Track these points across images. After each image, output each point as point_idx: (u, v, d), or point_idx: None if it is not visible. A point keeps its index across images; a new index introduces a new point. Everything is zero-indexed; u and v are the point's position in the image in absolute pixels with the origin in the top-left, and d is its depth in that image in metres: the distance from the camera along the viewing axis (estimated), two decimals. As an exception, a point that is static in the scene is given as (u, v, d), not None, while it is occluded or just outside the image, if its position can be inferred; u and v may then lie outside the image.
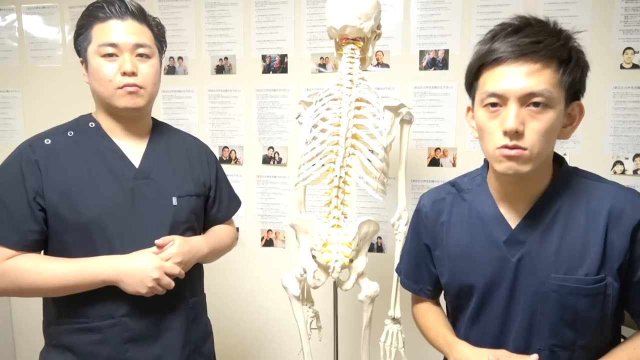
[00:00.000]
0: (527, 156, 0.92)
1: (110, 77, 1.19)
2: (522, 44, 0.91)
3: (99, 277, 1.15)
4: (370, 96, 1.37)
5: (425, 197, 1.22)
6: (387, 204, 2.07)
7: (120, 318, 1.21)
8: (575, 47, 0.96)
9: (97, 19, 1.20)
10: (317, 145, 1.35)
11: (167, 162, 1.33)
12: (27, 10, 2.33)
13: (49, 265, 1.16)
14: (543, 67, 0.91)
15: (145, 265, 1.16)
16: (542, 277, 0.99)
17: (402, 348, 1.51)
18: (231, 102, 2.22)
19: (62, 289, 1.16)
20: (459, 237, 1.11)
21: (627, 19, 1.86)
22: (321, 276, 1.33)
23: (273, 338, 2.30)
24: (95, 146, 1.24)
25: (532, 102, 0.90)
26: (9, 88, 2.39)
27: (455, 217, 1.13)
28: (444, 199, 1.16)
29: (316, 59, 2.12)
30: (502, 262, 1.03)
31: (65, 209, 1.17)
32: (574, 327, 0.99)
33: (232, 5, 2.17)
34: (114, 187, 1.22)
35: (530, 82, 0.90)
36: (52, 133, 1.24)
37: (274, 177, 2.22)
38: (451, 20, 1.99)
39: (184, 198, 1.32)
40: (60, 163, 1.19)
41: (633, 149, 1.90)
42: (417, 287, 1.26)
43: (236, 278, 2.31)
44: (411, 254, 1.26)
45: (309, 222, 1.34)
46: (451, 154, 2.04)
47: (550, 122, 0.91)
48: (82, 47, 1.23)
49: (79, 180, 1.19)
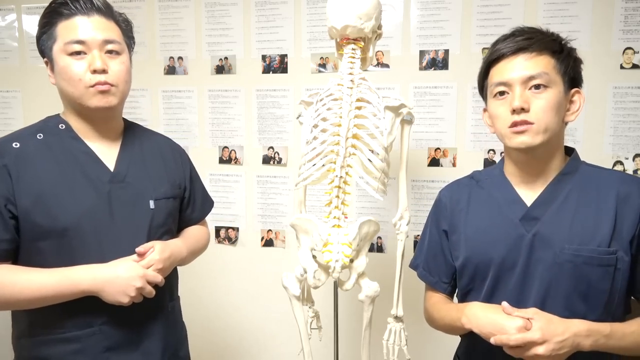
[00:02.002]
0: (535, 129, 1.06)
1: (80, 76, 1.14)
2: (519, 41, 1.10)
3: (79, 288, 1.11)
4: (371, 96, 1.37)
5: (444, 189, 1.32)
6: (387, 204, 2.07)
7: (100, 326, 1.18)
8: (566, 42, 1.12)
9: (61, 16, 1.15)
10: (318, 145, 1.35)
11: (142, 164, 1.29)
12: (27, 10, 2.33)
13: (25, 276, 1.10)
14: (537, 55, 1.08)
15: (128, 274, 1.12)
16: (556, 249, 1.07)
17: (405, 346, 1.51)
18: (231, 102, 2.22)
19: (40, 301, 1.11)
20: (476, 219, 1.20)
21: (627, 19, 1.86)
22: (321, 276, 1.32)
23: (273, 338, 2.30)
24: (67, 149, 1.19)
25: (533, 84, 1.07)
26: (9, 88, 2.38)
27: (473, 203, 1.23)
28: (462, 189, 1.27)
29: (316, 59, 2.12)
30: (518, 239, 1.12)
31: (40, 215, 1.12)
32: (586, 299, 1.06)
33: (232, 5, 2.17)
34: (89, 191, 1.17)
35: (528, 68, 1.07)
36: (19, 136, 1.18)
37: (274, 177, 2.22)
38: (451, 20, 1.99)
39: (161, 201, 1.28)
40: (32, 167, 1.13)
41: (633, 149, 1.90)
42: (433, 280, 1.32)
43: (236, 278, 2.31)
44: (429, 245, 1.33)
45: (309, 222, 1.34)
46: (451, 154, 2.04)
47: (551, 98, 1.06)
48: (46, 47, 1.18)
49: (53, 184, 1.14)
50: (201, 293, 2.32)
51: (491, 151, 2.00)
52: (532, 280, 1.10)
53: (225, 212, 2.27)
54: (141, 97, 2.28)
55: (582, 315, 1.05)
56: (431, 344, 2.11)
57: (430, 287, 1.35)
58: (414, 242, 2.10)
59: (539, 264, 1.09)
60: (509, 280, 1.12)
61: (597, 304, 1.06)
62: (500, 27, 1.94)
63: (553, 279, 1.08)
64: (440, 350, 2.11)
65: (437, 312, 1.28)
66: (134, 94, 2.27)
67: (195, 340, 2.18)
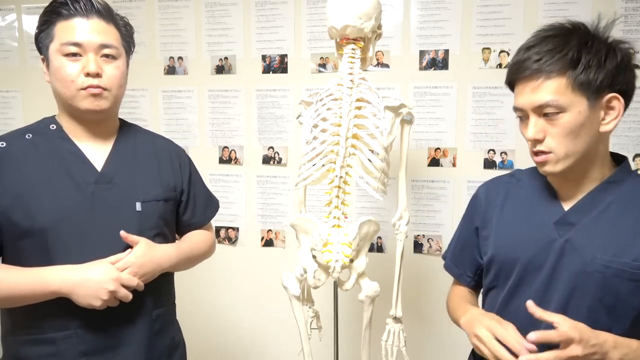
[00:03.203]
0: (554, 158, 1.02)
1: (73, 78, 1.13)
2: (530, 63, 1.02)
3: (49, 288, 1.09)
4: (371, 96, 1.37)
5: (482, 185, 1.29)
6: (387, 204, 2.07)
7: (75, 329, 1.15)
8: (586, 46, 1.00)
9: (60, 16, 1.14)
10: (318, 145, 1.35)
11: (132, 165, 1.27)
12: (27, 10, 2.33)
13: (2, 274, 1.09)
14: (545, 80, 0.99)
15: (100, 277, 1.09)
16: (587, 258, 1.02)
17: (403, 347, 1.51)
18: (231, 102, 2.22)
19: (13, 300, 1.10)
20: (510, 217, 1.17)
21: (627, 19, 1.86)
22: (321, 276, 1.32)
23: (273, 338, 2.30)
24: (55, 149, 1.18)
25: (545, 112, 1.00)
26: (9, 88, 2.38)
27: (509, 200, 1.20)
28: (500, 187, 1.24)
29: (316, 59, 2.12)
30: (549, 242, 1.08)
31: (18, 214, 1.11)
32: (612, 312, 1.02)
33: (232, 5, 2.17)
34: (71, 191, 1.16)
35: (536, 97, 1.00)
36: (8, 136, 1.20)
37: (274, 177, 2.22)
38: (451, 20, 1.99)
39: (149, 203, 1.26)
40: (15, 166, 1.14)
41: (633, 149, 1.90)
42: (458, 272, 1.33)
43: (236, 278, 2.31)
44: (459, 238, 1.33)
45: (309, 222, 1.34)
46: (451, 154, 2.04)
47: (567, 124, 0.99)
48: (43, 45, 1.17)
49: (34, 184, 1.13)
50: (201, 293, 2.32)
51: (491, 151, 2.00)
52: (556, 285, 1.06)
53: (225, 212, 2.27)
54: (141, 97, 2.29)
55: (606, 328, 1.00)
56: (431, 344, 2.11)
57: (455, 279, 1.36)
58: (414, 242, 2.10)
59: (565, 269, 1.05)
60: (532, 282, 1.10)
61: (624, 318, 1.01)
62: (500, 27, 1.95)
63: (578, 287, 1.03)
64: (439, 350, 2.11)
65: (451, 305, 1.30)
66: (134, 94, 2.27)
67: (195, 340, 2.18)
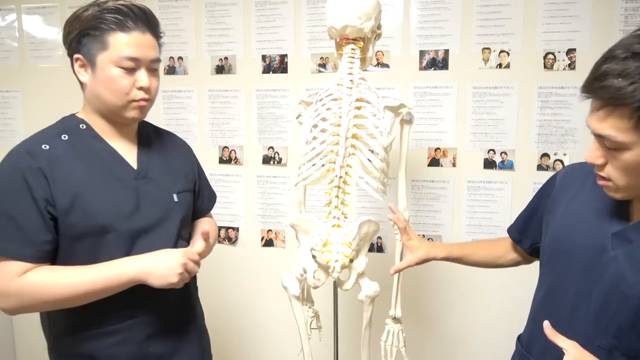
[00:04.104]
0: (614, 187, 0.95)
1: (127, 91, 1.17)
2: (591, 80, 0.89)
3: (125, 277, 1.14)
4: (371, 96, 1.37)
5: (568, 166, 1.23)
6: (386, 204, 2.07)
7: (140, 317, 1.23)
8: None
9: (117, 27, 1.14)
10: (318, 145, 1.35)
11: (159, 160, 1.32)
12: (27, 10, 2.33)
13: (72, 274, 1.13)
14: (608, 112, 0.87)
15: (170, 256, 1.17)
16: (630, 280, 0.96)
17: (403, 347, 1.51)
18: (231, 102, 2.22)
19: (89, 296, 1.13)
20: (577, 208, 1.11)
21: (627, 19, 1.86)
22: (321, 276, 1.33)
23: (273, 338, 2.30)
24: (91, 149, 1.21)
25: (605, 144, 0.91)
26: (9, 88, 2.39)
27: (583, 193, 1.12)
28: (580, 174, 1.15)
29: (316, 59, 2.12)
30: (599, 250, 1.02)
31: (77, 216, 1.14)
32: None
33: (232, 5, 2.17)
34: (119, 188, 1.20)
35: (595, 124, 0.90)
36: (45, 138, 1.18)
37: (274, 177, 2.22)
38: (451, 20, 1.99)
39: (182, 194, 1.33)
40: (63, 169, 1.15)
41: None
42: (518, 237, 1.33)
43: (236, 278, 2.31)
44: (529, 207, 1.31)
45: (309, 222, 1.34)
46: (451, 154, 2.04)
47: (627, 161, 0.89)
48: (87, 48, 1.16)
49: (86, 184, 1.16)
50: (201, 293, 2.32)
51: (491, 151, 2.00)
52: (590, 296, 1.02)
53: (225, 212, 2.27)
54: (141, 97, 2.28)
55: (635, 351, 0.96)
56: (430, 345, 2.11)
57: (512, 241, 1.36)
58: (414, 242, 2.10)
59: (606, 283, 0.99)
60: (572, 283, 1.06)
61: None
62: (500, 27, 1.95)
63: (612, 305, 0.98)
64: (439, 350, 2.11)
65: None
66: (134, 94, 2.27)
67: (195, 340, 2.18)
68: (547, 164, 1.94)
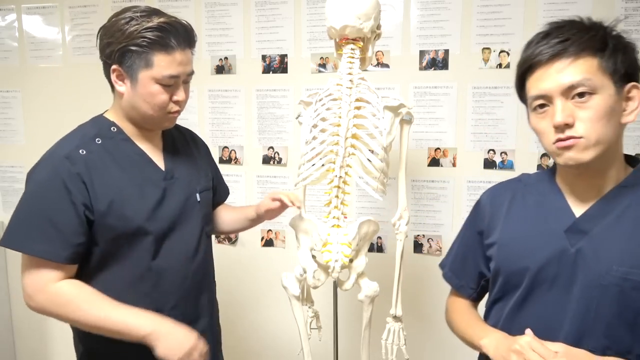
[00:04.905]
0: (584, 143, 0.93)
1: (165, 104, 1.21)
2: (552, 44, 0.96)
3: (141, 332, 1.15)
4: (370, 96, 1.37)
5: (487, 191, 1.22)
6: (386, 204, 2.07)
7: (169, 311, 1.26)
8: (609, 33, 0.97)
9: (161, 47, 1.16)
10: (317, 145, 1.35)
11: (184, 160, 1.38)
12: (27, 10, 2.33)
13: (97, 302, 1.16)
14: (575, 60, 0.94)
15: (187, 336, 1.18)
16: (602, 269, 0.95)
17: (403, 345, 1.51)
18: (231, 102, 2.22)
19: (101, 331, 1.17)
20: (518, 222, 1.09)
21: (627, 19, 1.86)
22: (321, 276, 1.33)
23: (273, 338, 2.30)
24: (124, 152, 1.25)
25: (576, 93, 0.93)
26: (9, 88, 2.39)
27: (517, 206, 1.12)
28: (506, 192, 1.16)
29: (316, 59, 2.12)
30: (560, 251, 1.00)
31: (113, 218, 1.18)
32: (633, 329, 0.95)
33: (232, 5, 2.17)
34: (150, 189, 1.25)
35: (567, 76, 0.93)
36: (81, 142, 1.21)
37: (274, 177, 2.22)
38: (451, 20, 1.99)
39: (203, 193, 1.39)
40: (101, 173, 1.19)
41: (633, 149, 1.90)
42: (459, 283, 1.24)
43: (236, 278, 2.31)
44: (460, 246, 1.25)
45: (308, 222, 1.34)
46: (451, 154, 2.04)
47: (599, 107, 0.93)
48: (129, 63, 1.17)
49: (121, 188, 1.20)
50: (201, 293, 2.32)
51: (491, 151, 2.00)
52: (569, 300, 0.99)
53: (225, 212, 2.27)
54: (141, 97, 2.29)
55: (628, 347, 0.95)
56: (430, 344, 2.11)
57: (454, 290, 1.27)
58: (414, 242, 2.10)
59: (579, 282, 0.97)
60: (542, 296, 1.02)
61: None
62: (500, 27, 1.94)
63: (594, 301, 0.96)
64: (439, 349, 2.11)
65: (459, 322, 1.21)
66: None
67: (195, 340, 2.17)
68: (547, 164, 1.94)
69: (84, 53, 2.30)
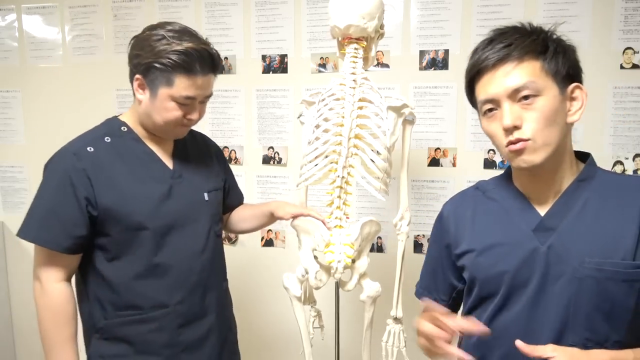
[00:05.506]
0: (533, 145, 0.96)
1: (178, 119, 1.26)
2: (497, 49, 1.00)
3: None
4: (373, 96, 1.37)
5: (447, 203, 1.21)
6: (387, 204, 2.08)
7: (174, 306, 1.31)
8: (550, 37, 1.01)
9: (185, 70, 1.20)
10: (320, 146, 1.35)
11: (193, 161, 1.42)
12: (27, 10, 2.33)
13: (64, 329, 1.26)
14: (519, 63, 0.97)
15: None
16: (576, 263, 0.97)
17: (404, 347, 1.51)
18: (231, 102, 2.22)
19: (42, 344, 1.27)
20: (486, 229, 1.10)
21: (627, 19, 1.86)
22: (323, 277, 1.33)
23: (273, 338, 2.30)
24: (131, 150, 1.30)
25: (522, 96, 0.96)
26: (9, 88, 2.38)
27: (481, 214, 1.12)
28: (467, 201, 1.17)
29: (316, 59, 2.12)
30: (531, 252, 1.02)
31: (118, 213, 1.23)
32: (609, 319, 0.97)
33: (232, 5, 2.17)
34: (155, 187, 1.29)
35: (512, 80, 0.97)
36: (90, 140, 1.27)
37: (274, 177, 2.22)
38: (451, 20, 1.99)
39: (212, 193, 1.42)
40: (106, 170, 1.24)
41: (633, 149, 1.91)
42: (431, 297, 1.22)
43: (236, 278, 2.30)
44: (428, 263, 1.25)
45: (310, 223, 1.34)
46: (451, 154, 2.05)
47: (544, 108, 0.96)
48: (152, 77, 1.21)
49: (127, 184, 1.25)
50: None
51: (491, 151, 2.00)
52: (549, 299, 1.00)
53: (225, 212, 2.27)
54: (141, 97, 2.28)
55: (605, 336, 0.97)
56: (431, 344, 2.11)
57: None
58: (414, 242, 2.11)
59: (556, 280, 0.99)
60: (520, 298, 1.03)
61: (621, 324, 0.96)
62: (501, 27, 1.94)
63: (573, 296, 0.97)
64: (440, 349, 2.11)
65: None
66: (134, 94, 2.27)
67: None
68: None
69: (84, 53, 2.29)
